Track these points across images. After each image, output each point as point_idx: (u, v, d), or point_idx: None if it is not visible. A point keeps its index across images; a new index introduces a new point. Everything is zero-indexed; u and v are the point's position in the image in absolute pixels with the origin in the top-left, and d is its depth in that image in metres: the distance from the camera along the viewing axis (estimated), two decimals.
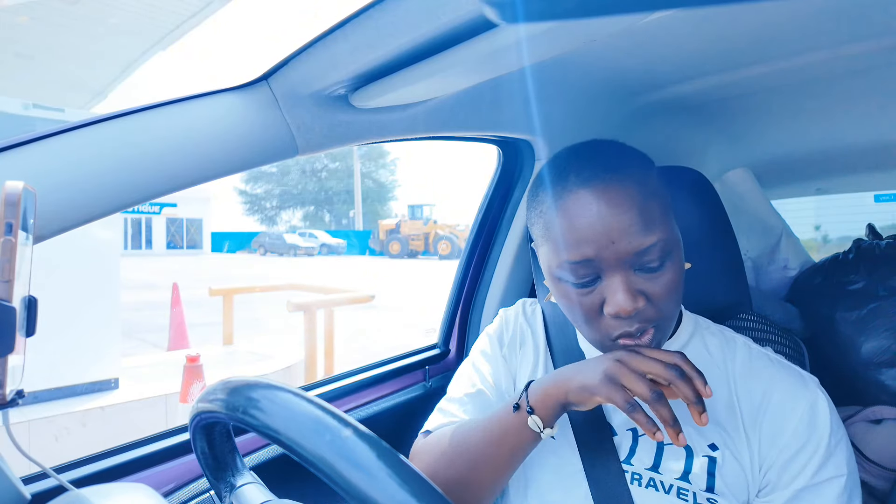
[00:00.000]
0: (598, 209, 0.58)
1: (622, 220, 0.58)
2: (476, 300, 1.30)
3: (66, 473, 0.72)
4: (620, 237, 0.58)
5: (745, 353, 0.70)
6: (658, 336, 0.63)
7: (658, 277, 0.60)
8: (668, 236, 0.60)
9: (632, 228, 0.58)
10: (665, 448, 0.67)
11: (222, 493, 0.54)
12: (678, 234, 0.64)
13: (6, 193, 0.41)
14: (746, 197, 1.68)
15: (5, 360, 0.41)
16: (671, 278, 0.61)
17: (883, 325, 1.34)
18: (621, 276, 0.59)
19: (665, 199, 0.63)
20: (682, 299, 0.65)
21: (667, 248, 0.60)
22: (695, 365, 0.58)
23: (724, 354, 0.70)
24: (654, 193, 0.61)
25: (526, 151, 1.19)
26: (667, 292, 0.61)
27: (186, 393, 3.63)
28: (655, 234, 0.59)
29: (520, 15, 0.26)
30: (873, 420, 1.23)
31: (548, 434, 0.62)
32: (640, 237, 0.58)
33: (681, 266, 0.63)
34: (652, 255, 0.59)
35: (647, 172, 0.62)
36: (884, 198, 4.06)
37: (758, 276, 1.70)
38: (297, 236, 27.78)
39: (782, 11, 0.78)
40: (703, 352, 0.71)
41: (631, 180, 0.59)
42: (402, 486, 0.35)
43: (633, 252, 0.58)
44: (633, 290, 0.59)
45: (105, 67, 6.79)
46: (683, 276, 0.64)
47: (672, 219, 0.64)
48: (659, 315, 0.61)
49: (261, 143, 0.71)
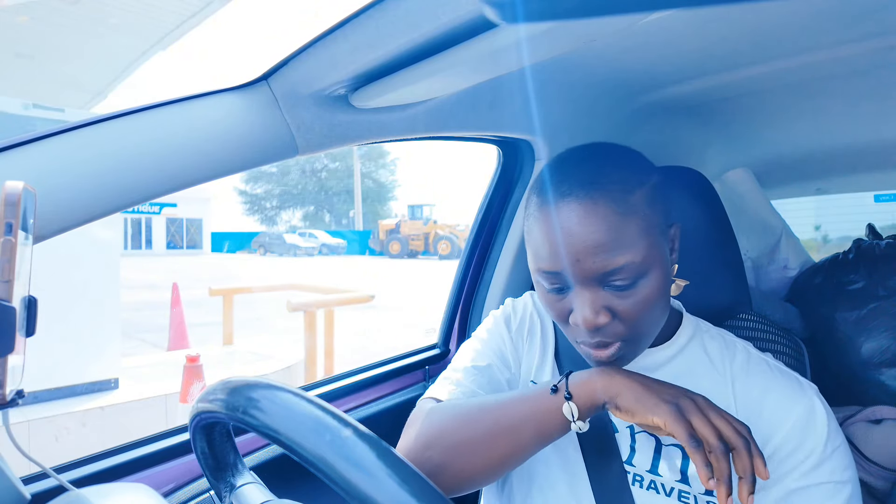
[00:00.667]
0: (568, 226, 0.58)
1: (588, 240, 0.57)
2: (476, 300, 1.30)
3: (65, 473, 0.72)
4: (586, 256, 0.58)
5: (744, 356, 0.70)
6: (625, 350, 0.62)
7: (628, 296, 0.59)
8: (643, 258, 0.58)
9: (598, 248, 0.57)
10: (663, 449, 0.66)
11: (222, 494, 0.54)
12: (664, 250, 0.62)
13: (6, 193, 0.41)
14: (746, 197, 1.68)
15: (5, 360, 0.41)
16: (644, 297, 0.59)
17: (883, 325, 1.34)
18: (588, 291, 0.59)
19: (650, 216, 0.60)
20: (663, 313, 0.64)
21: (641, 269, 0.59)
22: (758, 447, 0.55)
23: (722, 358, 0.70)
24: (634, 211, 0.59)
25: (526, 151, 1.19)
26: (637, 311, 0.60)
27: (186, 393, 3.63)
28: (626, 255, 0.57)
29: (520, 15, 0.26)
30: (873, 420, 1.22)
31: (578, 428, 0.60)
32: (607, 258, 0.57)
33: (660, 284, 0.61)
34: (622, 274, 0.58)
35: (631, 188, 0.59)
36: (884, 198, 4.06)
37: (758, 276, 1.70)
38: (296, 236, 27.78)
39: (782, 11, 0.78)
40: (701, 355, 0.71)
41: (607, 198, 0.58)
42: (401, 486, 0.35)
43: (599, 272, 0.58)
44: (597, 306, 0.59)
45: (105, 67, 6.78)
46: (665, 292, 0.62)
47: (658, 235, 0.61)
48: (627, 332, 0.61)
49: (261, 143, 0.71)
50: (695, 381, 0.67)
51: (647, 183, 0.62)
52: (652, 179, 0.62)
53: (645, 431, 0.67)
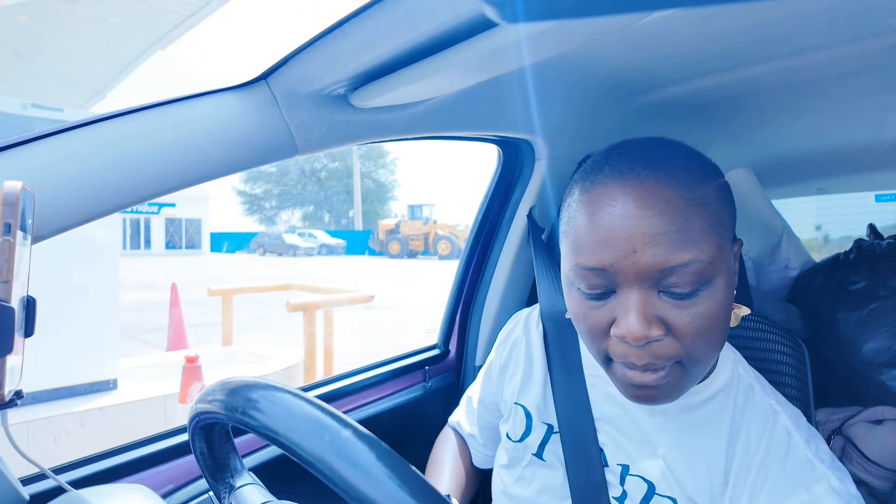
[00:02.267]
0: (625, 208, 0.49)
1: (650, 226, 0.48)
2: (476, 300, 1.30)
3: (64, 474, 0.72)
4: (644, 247, 0.48)
5: (782, 436, 0.56)
6: (673, 379, 0.51)
7: (688, 306, 0.49)
8: (711, 258, 0.48)
9: (661, 238, 0.47)
10: (655, 496, 0.61)
11: (221, 494, 0.53)
12: (731, 260, 0.52)
13: (5, 193, 0.41)
14: (747, 197, 1.68)
15: (4, 361, 0.41)
16: (706, 311, 0.49)
17: (884, 325, 1.34)
18: (638, 293, 0.49)
19: (718, 214, 0.51)
20: (722, 339, 0.53)
21: (706, 273, 0.48)
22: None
23: (759, 435, 0.57)
24: (703, 203, 0.49)
25: (526, 151, 1.19)
26: (697, 327, 0.49)
27: (185, 393, 3.63)
28: (692, 251, 0.48)
29: (520, 14, 0.26)
30: (874, 421, 1.22)
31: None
32: (669, 251, 0.47)
33: (726, 299, 0.50)
34: (682, 276, 0.48)
35: (701, 178, 0.51)
36: (885, 198, 4.06)
37: (758, 276, 1.70)
38: (296, 236, 27.80)
39: (782, 11, 0.77)
40: (729, 409, 0.59)
41: (673, 181, 0.49)
42: (401, 487, 0.35)
43: (657, 268, 0.48)
44: (649, 314, 0.49)
45: (104, 67, 6.78)
46: (728, 312, 0.52)
47: (727, 240, 0.52)
48: (682, 353, 0.50)
49: (260, 142, 0.71)
50: (709, 442, 0.59)
51: (716, 179, 0.53)
52: (720, 178, 0.54)
53: (640, 476, 0.63)
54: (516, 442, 0.74)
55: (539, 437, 0.72)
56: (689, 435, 0.60)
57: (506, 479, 0.74)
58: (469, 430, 0.88)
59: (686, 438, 0.60)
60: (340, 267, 18.95)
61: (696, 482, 0.59)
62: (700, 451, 0.59)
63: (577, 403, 0.70)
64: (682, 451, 0.60)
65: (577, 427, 0.68)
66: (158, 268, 16.95)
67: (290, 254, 26.10)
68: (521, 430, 0.74)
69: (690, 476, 0.59)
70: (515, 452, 0.74)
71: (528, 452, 0.72)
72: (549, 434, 0.72)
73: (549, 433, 0.72)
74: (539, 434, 0.72)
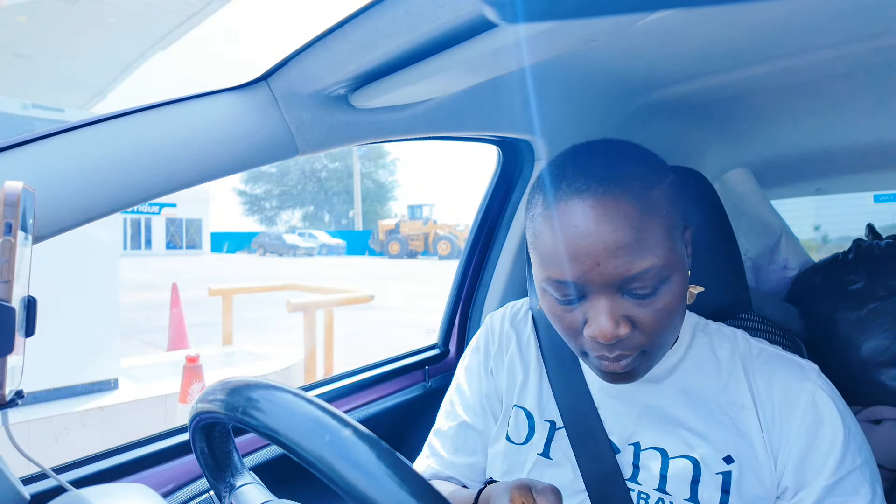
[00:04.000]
0: (586, 226, 0.53)
1: (610, 241, 0.52)
2: (476, 300, 1.30)
3: (65, 474, 0.72)
4: (607, 259, 0.53)
5: (745, 345, 0.67)
6: (640, 362, 0.58)
7: (649, 304, 0.55)
8: (666, 261, 0.54)
9: (621, 251, 0.52)
10: (670, 462, 0.63)
11: (222, 494, 0.53)
12: (683, 254, 0.58)
13: (5, 193, 0.41)
14: (746, 197, 1.68)
15: (4, 361, 0.41)
16: (666, 305, 0.55)
17: (883, 325, 1.34)
18: (606, 298, 0.54)
19: (671, 216, 0.56)
20: (681, 321, 0.60)
21: (663, 274, 0.54)
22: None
23: (731, 352, 0.67)
24: (657, 210, 0.54)
25: (526, 152, 1.19)
26: (658, 321, 0.56)
27: (186, 393, 3.63)
28: (650, 258, 0.53)
29: (520, 15, 0.26)
30: (873, 420, 1.23)
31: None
32: (630, 261, 0.53)
33: (681, 290, 0.57)
34: (644, 280, 0.53)
35: (651, 184, 0.55)
36: (883, 198, 4.06)
37: (758, 277, 1.70)
38: (296, 236, 27.81)
39: (782, 11, 0.78)
40: (708, 354, 0.67)
41: (629, 194, 0.53)
42: (401, 487, 0.35)
43: (619, 277, 0.53)
44: (617, 315, 0.54)
45: (105, 67, 6.78)
46: (684, 299, 0.58)
47: (678, 237, 0.57)
48: (646, 343, 0.57)
49: (260, 143, 0.71)
50: (706, 381, 0.65)
51: (666, 180, 0.58)
52: (670, 177, 0.59)
53: (652, 448, 0.65)
54: (520, 445, 0.73)
55: (543, 436, 0.71)
56: (684, 382, 0.66)
57: None
58: (452, 458, 0.78)
59: (682, 385, 0.66)
60: (342, 267, 18.95)
61: (704, 420, 0.63)
62: (698, 390, 0.65)
63: (577, 396, 0.70)
64: (681, 400, 0.65)
65: (582, 419, 0.68)
66: (159, 268, 16.95)
67: (291, 254, 26.10)
68: (524, 433, 0.73)
69: (697, 417, 0.63)
70: (518, 457, 0.72)
71: (534, 453, 0.71)
72: (552, 431, 0.71)
73: (552, 430, 0.71)
74: (543, 433, 0.72)
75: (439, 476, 0.78)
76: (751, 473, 0.60)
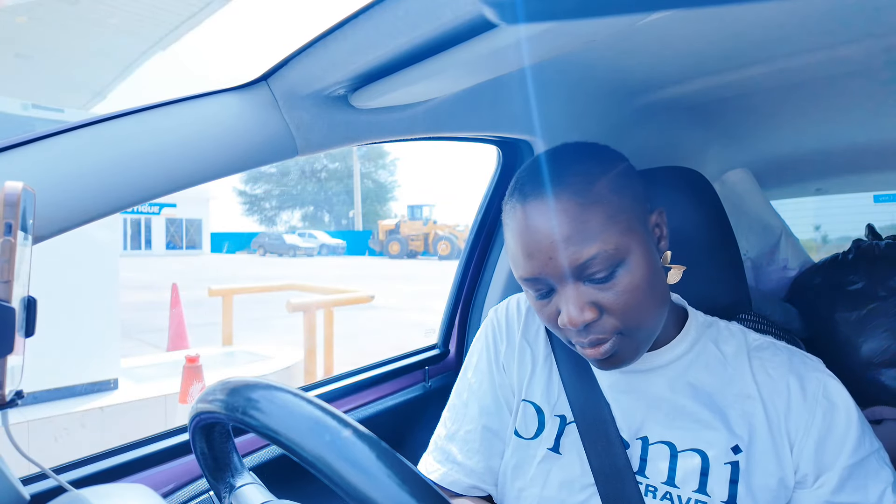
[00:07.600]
0: (535, 225, 0.58)
1: (556, 235, 0.57)
2: (476, 300, 1.30)
3: (65, 474, 0.72)
4: (555, 252, 0.57)
5: (753, 341, 0.69)
6: (621, 346, 0.61)
7: (610, 287, 0.59)
8: (615, 245, 0.58)
9: (566, 242, 0.57)
10: (679, 455, 0.64)
11: (222, 494, 0.53)
12: (643, 237, 0.61)
13: (5, 194, 0.41)
14: (746, 197, 1.68)
15: (4, 361, 0.41)
16: (627, 286, 0.58)
17: (882, 325, 1.34)
18: (569, 289, 0.59)
19: (618, 203, 0.59)
20: (658, 303, 0.62)
21: (615, 258, 0.58)
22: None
23: (737, 349, 0.69)
24: (597, 200, 0.58)
25: (525, 152, 1.19)
26: (624, 301, 0.59)
27: (186, 393, 3.63)
28: (595, 244, 0.57)
29: (520, 15, 0.26)
30: (873, 420, 1.23)
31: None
32: (577, 250, 0.57)
33: (643, 272, 0.59)
34: (595, 266, 0.57)
35: (593, 178, 0.59)
36: (883, 198, 4.06)
37: (757, 277, 1.70)
38: (296, 237, 27.81)
39: (782, 11, 0.78)
40: (714, 351, 0.69)
41: (569, 191, 0.58)
42: (401, 487, 0.35)
43: (572, 266, 0.57)
44: (580, 302, 0.58)
45: (105, 67, 6.78)
46: (653, 279, 0.61)
47: (634, 221, 0.60)
48: (621, 325, 0.60)
49: (260, 143, 0.71)
50: (712, 375, 0.67)
51: (611, 171, 0.61)
52: (617, 167, 0.62)
53: (660, 442, 0.66)
54: (529, 439, 0.73)
55: (554, 431, 0.72)
56: (690, 376, 0.68)
57: (517, 483, 0.73)
58: (472, 464, 0.77)
59: (689, 380, 0.68)
60: (342, 267, 18.96)
61: (711, 412, 0.65)
62: (705, 384, 0.67)
63: (588, 392, 0.71)
64: (688, 394, 0.67)
65: (593, 413, 0.69)
66: (159, 268, 16.95)
67: (291, 254, 26.10)
68: (533, 427, 0.73)
69: (705, 409, 0.65)
70: (527, 451, 0.72)
71: (543, 447, 0.71)
72: (563, 426, 0.71)
73: (563, 424, 0.71)
74: (553, 427, 0.72)
75: (460, 484, 0.76)
76: (759, 464, 0.61)
